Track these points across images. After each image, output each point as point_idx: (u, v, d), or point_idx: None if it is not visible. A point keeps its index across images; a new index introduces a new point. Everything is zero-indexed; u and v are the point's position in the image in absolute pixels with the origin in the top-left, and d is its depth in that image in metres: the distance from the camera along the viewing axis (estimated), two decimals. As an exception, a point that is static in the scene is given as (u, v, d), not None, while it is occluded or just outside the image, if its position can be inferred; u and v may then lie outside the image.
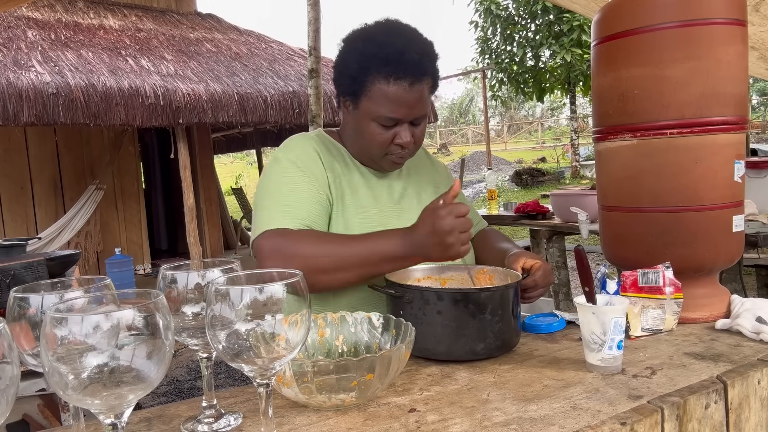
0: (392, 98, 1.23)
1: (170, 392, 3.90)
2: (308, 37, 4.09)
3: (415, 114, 1.27)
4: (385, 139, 1.28)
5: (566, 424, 0.80)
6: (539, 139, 31.72)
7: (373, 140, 1.29)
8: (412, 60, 1.23)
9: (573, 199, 3.78)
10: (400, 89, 1.23)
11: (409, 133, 1.28)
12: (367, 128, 1.28)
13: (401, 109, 1.25)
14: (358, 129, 1.32)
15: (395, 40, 1.24)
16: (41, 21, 6.80)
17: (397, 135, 1.28)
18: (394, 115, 1.25)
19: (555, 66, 16.48)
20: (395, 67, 1.22)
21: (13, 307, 0.71)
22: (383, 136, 1.28)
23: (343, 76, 1.30)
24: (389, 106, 1.24)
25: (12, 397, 0.55)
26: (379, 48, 1.23)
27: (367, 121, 1.28)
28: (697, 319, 1.25)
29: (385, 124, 1.27)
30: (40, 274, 2.25)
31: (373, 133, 1.28)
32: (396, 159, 1.33)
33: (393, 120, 1.26)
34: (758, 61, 3.88)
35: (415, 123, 1.30)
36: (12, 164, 6.69)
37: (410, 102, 1.24)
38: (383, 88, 1.23)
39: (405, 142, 1.28)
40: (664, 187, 1.24)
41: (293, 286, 0.70)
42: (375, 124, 1.27)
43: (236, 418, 0.87)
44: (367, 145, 1.32)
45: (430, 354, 1.09)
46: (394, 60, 1.22)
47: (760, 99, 26.53)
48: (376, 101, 1.25)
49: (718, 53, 1.20)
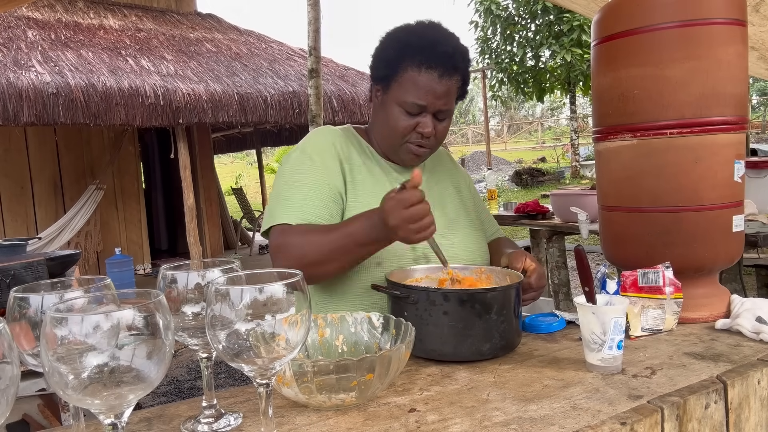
0: (421, 85, 1.28)
1: (170, 392, 3.90)
2: (308, 37, 4.09)
3: (439, 106, 1.30)
4: (408, 126, 1.32)
5: (566, 424, 0.80)
6: (539, 139, 31.72)
7: (396, 125, 1.32)
8: (446, 52, 1.28)
9: (573, 199, 3.78)
10: (430, 78, 1.28)
11: (432, 125, 1.31)
12: (392, 113, 1.33)
13: (428, 97, 1.29)
14: (384, 115, 1.36)
15: (433, 33, 1.32)
16: (41, 21, 6.80)
17: (420, 124, 1.31)
18: (420, 101, 1.29)
19: (555, 66, 16.48)
20: (428, 56, 1.27)
21: (13, 307, 0.71)
22: (407, 122, 1.31)
23: (379, 62, 1.36)
24: (417, 93, 1.28)
25: (12, 397, 0.55)
26: (416, 37, 1.31)
27: (393, 106, 1.32)
28: (697, 319, 1.25)
29: (410, 111, 1.31)
30: (40, 274, 2.25)
31: (398, 118, 1.32)
32: (415, 149, 1.35)
33: (418, 107, 1.29)
34: (758, 61, 3.88)
35: (439, 117, 1.33)
36: (12, 164, 6.69)
37: (437, 92, 1.28)
38: (414, 75, 1.28)
39: (427, 132, 1.31)
40: (664, 187, 1.24)
41: (293, 286, 0.70)
42: (400, 109, 1.31)
43: (236, 418, 0.87)
44: (389, 131, 1.35)
45: (436, 355, 1.08)
46: (428, 49, 1.28)
47: (760, 99, 26.53)
48: (405, 87, 1.30)
49: (718, 53, 1.20)
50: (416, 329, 1.00)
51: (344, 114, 7.05)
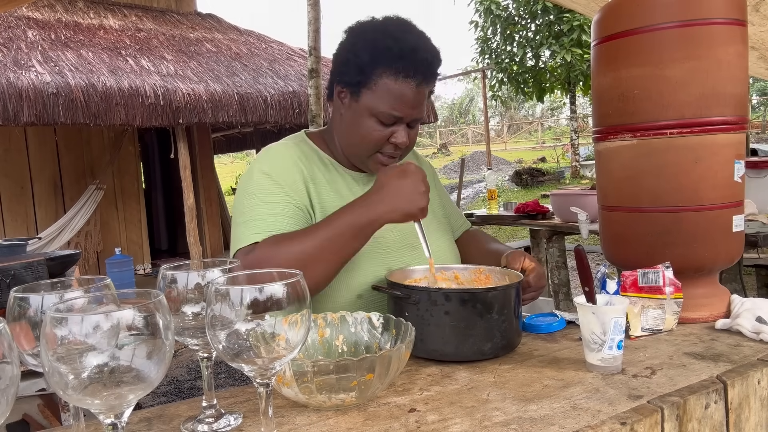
0: (397, 95, 1.20)
1: (170, 392, 3.90)
2: (308, 37, 4.09)
3: (414, 115, 1.24)
4: (381, 137, 1.24)
5: (566, 424, 0.80)
6: (539, 139, 31.72)
7: (369, 136, 1.24)
8: (425, 60, 1.21)
9: (573, 199, 3.78)
10: (407, 87, 1.20)
11: (406, 134, 1.25)
12: (363, 123, 1.24)
13: (404, 108, 1.22)
14: (353, 123, 1.26)
15: (410, 38, 1.22)
16: (41, 21, 6.80)
17: (394, 134, 1.24)
18: (396, 112, 1.22)
19: (555, 66, 16.47)
20: (407, 64, 1.19)
21: (13, 307, 0.71)
22: (380, 133, 1.24)
23: (348, 66, 1.24)
24: (392, 103, 1.21)
25: (12, 397, 0.55)
26: (394, 42, 1.20)
27: (364, 115, 1.24)
28: (697, 319, 1.25)
29: (384, 121, 1.23)
30: (40, 274, 2.25)
31: (370, 129, 1.24)
32: (384, 160, 1.28)
33: (393, 117, 1.22)
34: (758, 61, 3.88)
35: (411, 125, 1.27)
36: (12, 164, 6.69)
37: (413, 102, 1.22)
38: (389, 83, 1.20)
39: (401, 143, 1.25)
40: (664, 187, 1.24)
41: (293, 286, 0.70)
42: (374, 120, 1.23)
43: (236, 418, 0.87)
44: (359, 141, 1.27)
45: (438, 355, 1.08)
46: (407, 56, 1.19)
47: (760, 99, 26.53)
48: (379, 95, 1.21)
49: (718, 53, 1.20)
50: (417, 329, 1.00)
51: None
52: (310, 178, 1.29)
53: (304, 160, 1.31)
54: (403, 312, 1.09)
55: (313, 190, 1.28)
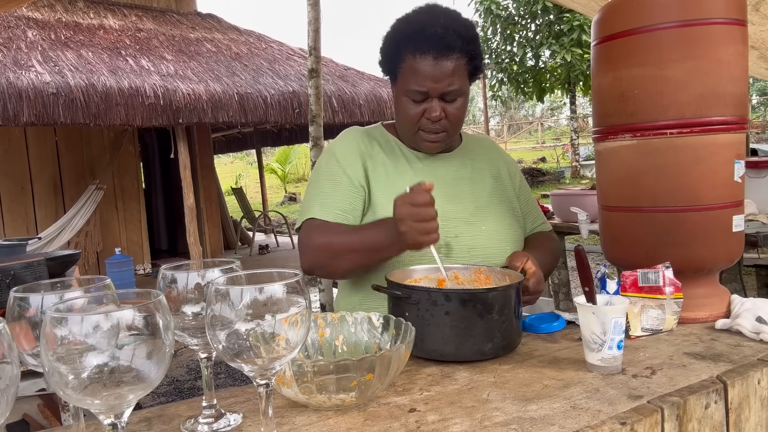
0: (419, 72, 1.29)
1: (170, 392, 3.90)
2: (308, 37, 4.08)
3: (442, 89, 1.29)
4: (416, 114, 1.33)
5: (566, 424, 0.80)
6: (539, 139, 31.70)
7: (406, 115, 1.35)
8: (435, 34, 1.27)
9: (573, 199, 3.78)
10: (425, 63, 1.28)
11: (439, 108, 1.31)
12: (401, 104, 1.35)
13: (426, 83, 1.29)
14: (396, 106, 1.39)
15: (422, 18, 1.31)
16: (41, 21, 6.80)
17: (427, 110, 1.32)
18: (419, 88, 1.29)
19: (555, 66, 16.47)
20: (418, 41, 1.28)
21: (13, 307, 0.71)
22: (413, 110, 1.33)
23: (384, 57, 1.38)
24: (416, 80, 1.29)
25: (12, 397, 0.55)
26: (407, 25, 1.32)
27: (401, 96, 1.35)
28: (697, 319, 1.25)
29: (414, 99, 1.32)
30: (40, 274, 2.25)
31: (405, 108, 1.34)
32: (428, 137, 1.36)
33: (421, 94, 1.30)
34: (758, 61, 3.88)
35: (447, 99, 1.32)
36: (12, 164, 6.69)
37: (436, 76, 1.28)
38: (411, 63, 1.30)
39: (434, 116, 1.31)
40: (664, 187, 1.24)
41: (293, 286, 0.70)
42: (406, 99, 1.33)
43: (236, 418, 0.87)
44: (402, 120, 1.38)
45: (438, 355, 1.08)
46: (417, 34, 1.28)
47: (760, 99, 26.51)
48: (406, 76, 1.31)
49: (718, 53, 1.20)
50: (418, 330, 1.00)
51: (344, 114, 7.05)
52: (368, 156, 1.42)
53: (367, 141, 1.44)
54: (404, 312, 1.09)
55: (369, 165, 1.40)
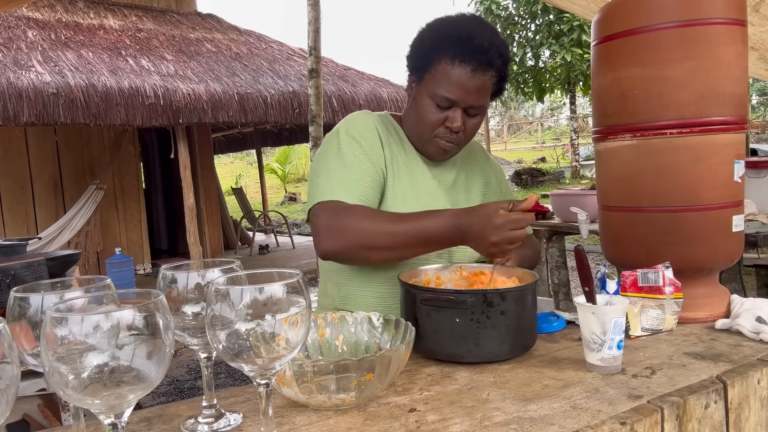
0: (453, 79, 1.27)
1: (170, 392, 3.90)
2: (308, 37, 4.09)
3: (470, 101, 1.29)
4: (437, 119, 1.31)
5: (566, 424, 0.80)
6: (539, 139, 31.70)
7: (426, 118, 1.32)
8: (481, 46, 1.25)
9: (573, 199, 3.79)
10: (463, 72, 1.26)
11: (461, 120, 1.30)
12: (423, 105, 1.32)
13: (458, 92, 1.27)
14: (415, 106, 1.35)
15: (470, 27, 1.29)
16: (41, 21, 6.80)
17: (449, 118, 1.30)
18: (450, 95, 1.28)
19: (555, 66, 16.47)
20: (462, 49, 1.26)
21: (13, 307, 0.71)
22: (436, 115, 1.31)
23: (415, 52, 1.35)
24: (448, 86, 1.27)
25: (12, 397, 0.55)
26: (453, 29, 1.29)
27: (424, 98, 1.32)
28: (696, 319, 1.25)
29: (440, 104, 1.30)
30: (40, 274, 2.26)
31: (427, 111, 1.32)
32: (443, 144, 1.34)
33: (448, 101, 1.29)
34: (758, 62, 3.88)
35: (470, 112, 1.32)
36: (12, 164, 6.69)
37: (469, 87, 1.27)
38: (447, 67, 1.27)
39: (455, 126, 1.30)
40: (664, 187, 1.24)
41: (293, 286, 0.70)
42: (431, 102, 1.31)
43: (236, 418, 0.87)
44: (419, 123, 1.35)
45: (494, 357, 1.05)
46: (463, 42, 1.26)
47: (760, 99, 26.50)
48: (437, 79, 1.28)
49: (718, 53, 1.20)
50: (472, 334, 1.02)
51: (344, 114, 7.03)
52: (387, 145, 1.37)
53: (383, 129, 1.40)
54: (453, 318, 1.04)
55: (389, 156, 1.36)
